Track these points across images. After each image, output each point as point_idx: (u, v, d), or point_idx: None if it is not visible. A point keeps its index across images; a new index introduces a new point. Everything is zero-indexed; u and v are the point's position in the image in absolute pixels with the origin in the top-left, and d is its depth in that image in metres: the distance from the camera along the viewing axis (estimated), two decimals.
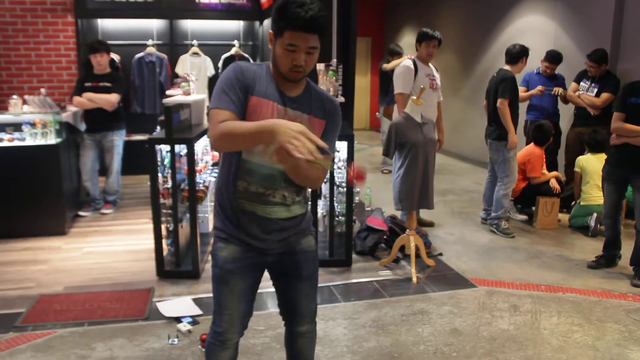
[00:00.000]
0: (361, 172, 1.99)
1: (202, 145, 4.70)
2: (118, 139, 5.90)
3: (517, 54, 5.34)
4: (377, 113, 8.83)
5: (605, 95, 5.87)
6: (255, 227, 2.13)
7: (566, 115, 6.52)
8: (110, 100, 5.64)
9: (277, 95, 2.04)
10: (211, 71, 7.83)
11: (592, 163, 5.47)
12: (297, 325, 2.37)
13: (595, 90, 5.97)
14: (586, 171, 5.50)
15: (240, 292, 2.18)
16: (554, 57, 6.36)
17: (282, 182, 2.10)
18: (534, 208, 5.83)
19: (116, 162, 5.94)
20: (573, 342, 3.35)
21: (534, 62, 6.42)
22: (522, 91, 6.54)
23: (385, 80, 8.01)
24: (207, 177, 4.67)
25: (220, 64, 7.84)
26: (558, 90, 6.28)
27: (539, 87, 6.28)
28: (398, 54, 7.85)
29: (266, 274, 2.30)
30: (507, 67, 5.39)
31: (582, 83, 6.14)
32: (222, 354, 2.29)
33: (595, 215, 5.34)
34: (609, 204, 4.49)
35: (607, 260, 4.57)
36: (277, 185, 2.10)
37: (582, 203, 5.53)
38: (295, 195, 2.16)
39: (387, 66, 7.86)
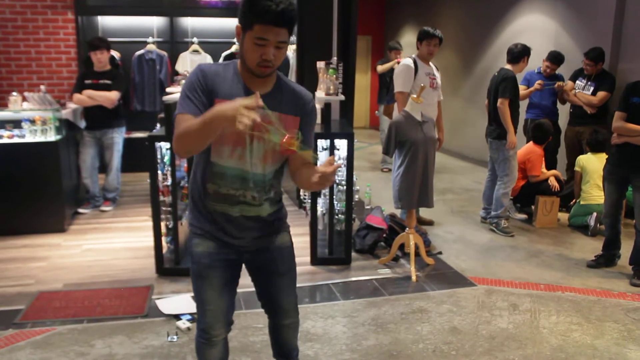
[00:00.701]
0: (291, 143, 1.93)
1: None
2: (118, 137, 5.90)
3: (519, 54, 5.34)
4: (376, 112, 8.84)
5: (601, 94, 5.87)
6: (229, 226, 2.15)
7: (564, 113, 6.52)
8: (110, 97, 5.63)
9: (244, 95, 1.97)
10: None
11: (593, 162, 5.47)
12: (281, 319, 2.41)
13: (592, 88, 5.97)
14: (586, 170, 5.50)
15: (220, 287, 2.20)
16: (555, 58, 6.36)
17: (250, 184, 2.10)
18: (533, 207, 5.83)
19: (116, 159, 5.94)
20: (572, 341, 3.35)
21: (534, 62, 6.41)
22: (522, 90, 6.54)
23: (384, 79, 8.06)
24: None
25: (220, 62, 7.83)
26: (561, 84, 6.27)
27: (538, 81, 6.27)
28: (395, 49, 7.92)
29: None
30: (508, 67, 5.39)
31: (577, 81, 6.14)
32: (210, 351, 2.30)
33: (595, 214, 5.34)
34: (609, 203, 4.49)
35: (606, 259, 4.57)
36: (246, 186, 2.10)
37: (582, 202, 5.53)
38: (264, 194, 2.15)
39: (379, 69, 8.05)
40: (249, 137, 1.98)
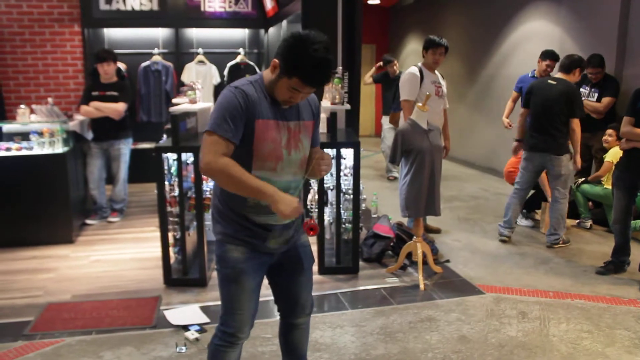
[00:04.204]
0: (312, 225, 2.35)
1: None
2: (124, 148, 5.93)
3: (571, 64, 5.10)
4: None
5: (606, 100, 5.86)
6: (268, 234, 2.24)
7: None
8: (117, 109, 5.66)
9: (275, 111, 2.14)
10: (217, 79, 7.87)
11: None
12: (296, 317, 2.50)
13: (596, 95, 5.96)
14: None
15: (251, 291, 2.27)
16: (554, 54, 6.31)
17: (291, 191, 2.22)
18: (537, 211, 5.81)
19: (123, 170, 5.96)
20: (582, 349, 3.33)
21: (532, 67, 6.45)
22: (514, 97, 6.53)
23: (387, 90, 8.14)
24: (213, 185, 4.67)
25: (225, 72, 7.88)
26: None
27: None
28: (390, 62, 8.17)
29: None
30: (562, 76, 5.10)
31: (582, 89, 6.11)
32: (231, 354, 2.35)
33: None
34: (618, 209, 4.46)
35: (615, 266, 4.54)
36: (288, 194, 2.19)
37: (605, 185, 5.52)
38: (299, 198, 2.29)
39: (367, 79, 8.57)
40: (286, 149, 2.16)
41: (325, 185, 4.50)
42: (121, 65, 7.32)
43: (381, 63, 8.33)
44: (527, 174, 5.27)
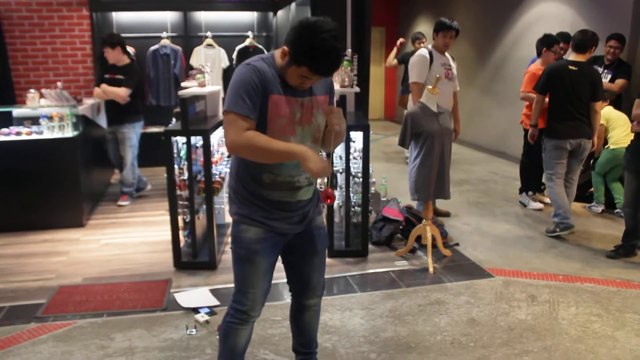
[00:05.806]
0: (329, 194, 2.25)
1: (217, 137, 4.71)
2: (130, 132, 5.88)
3: (589, 42, 4.92)
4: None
5: (620, 81, 5.79)
6: (283, 213, 2.27)
7: None
8: (119, 94, 5.63)
9: (287, 87, 2.15)
10: (225, 62, 7.85)
11: (614, 111, 5.54)
12: (307, 298, 2.53)
13: (609, 76, 5.89)
14: (611, 119, 5.54)
15: (265, 271, 2.30)
16: (568, 37, 6.19)
17: None
18: (546, 194, 5.77)
19: (129, 154, 5.93)
20: (592, 332, 3.32)
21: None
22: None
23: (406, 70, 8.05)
24: (223, 168, 4.69)
25: (234, 55, 7.86)
26: None
27: None
28: (418, 39, 7.86)
29: None
30: (577, 57, 4.92)
31: None
32: (243, 332, 2.39)
33: None
34: (629, 192, 4.43)
35: (626, 250, 4.51)
36: (302, 171, 2.21)
37: (610, 147, 5.50)
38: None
39: (390, 61, 8.23)
40: (299, 125, 2.17)
41: (334, 168, 4.49)
42: (130, 49, 7.30)
43: (401, 41, 8.18)
44: (564, 162, 4.98)
